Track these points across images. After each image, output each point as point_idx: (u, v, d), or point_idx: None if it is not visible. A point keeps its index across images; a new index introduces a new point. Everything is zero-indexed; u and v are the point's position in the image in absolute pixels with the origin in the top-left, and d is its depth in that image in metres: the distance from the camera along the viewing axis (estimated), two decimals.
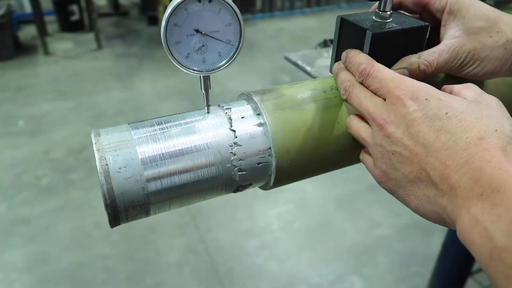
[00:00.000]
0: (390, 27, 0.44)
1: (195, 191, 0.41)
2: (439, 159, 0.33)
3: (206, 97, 0.44)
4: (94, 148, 0.38)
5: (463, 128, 0.33)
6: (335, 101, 0.45)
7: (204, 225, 2.01)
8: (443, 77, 0.51)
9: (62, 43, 4.44)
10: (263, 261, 1.83)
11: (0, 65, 3.83)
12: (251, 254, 1.86)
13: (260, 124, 0.43)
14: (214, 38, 0.40)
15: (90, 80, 3.57)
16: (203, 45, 0.40)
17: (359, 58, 0.42)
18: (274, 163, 0.43)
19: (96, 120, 2.93)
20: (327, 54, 0.89)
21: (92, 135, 0.40)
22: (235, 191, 0.45)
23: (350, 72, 0.43)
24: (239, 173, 0.42)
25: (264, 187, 0.47)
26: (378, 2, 0.46)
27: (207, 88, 0.43)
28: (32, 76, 3.65)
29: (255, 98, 0.44)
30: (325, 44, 0.96)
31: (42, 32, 4.10)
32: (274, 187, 0.46)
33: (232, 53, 0.41)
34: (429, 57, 0.44)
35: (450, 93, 0.39)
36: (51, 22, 4.79)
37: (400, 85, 0.37)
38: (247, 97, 0.46)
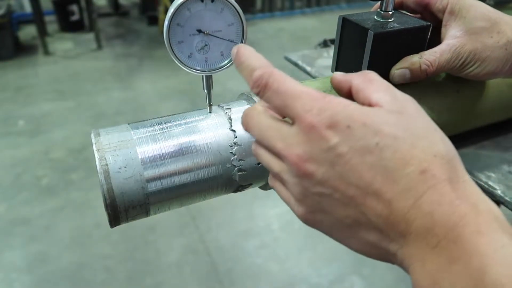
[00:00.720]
0: (391, 27, 0.45)
1: (195, 191, 0.41)
2: (381, 202, 0.27)
3: (209, 96, 0.44)
4: (94, 148, 0.38)
5: (401, 160, 0.27)
6: None
7: (204, 225, 2.01)
8: (444, 77, 0.52)
9: (62, 43, 4.43)
10: (263, 261, 1.83)
11: (0, 65, 3.83)
12: (251, 254, 1.86)
13: None
14: (216, 37, 0.40)
15: (90, 80, 3.56)
16: (206, 45, 0.40)
17: (253, 60, 0.32)
18: None
19: (96, 120, 2.93)
20: (327, 54, 0.90)
21: (92, 135, 0.40)
22: (235, 191, 0.45)
23: (243, 76, 0.33)
24: (239, 173, 0.42)
25: (264, 187, 0.47)
26: (379, 2, 0.46)
27: (209, 87, 0.44)
28: (32, 76, 3.65)
29: (255, 98, 0.44)
30: (325, 44, 0.96)
31: (42, 32, 4.10)
32: None
33: None
34: (430, 57, 0.44)
35: (349, 89, 0.33)
36: (51, 22, 4.79)
37: (312, 108, 0.28)
38: (247, 97, 0.46)
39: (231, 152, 0.41)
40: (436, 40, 0.47)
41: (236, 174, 0.42)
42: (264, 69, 0.31)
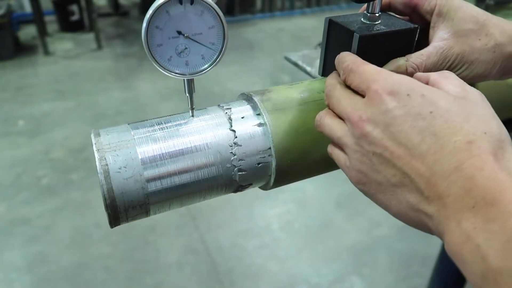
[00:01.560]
0: (378, 29, 0.44)
1: (195, 191, 0.41)
2: (425, 164, 0.30)
3: (191, 100, 0.43)
4: (94, 148, 0.38)
5: (450, 130, 0.30)
6: None
7: (204, 225, 2.01)
8: None
9: (62, 43, 4.43)
10: (263, 261, 1.83)
11: (0, 65, 3.83)
12: (251, 254, 1.86)
13: (260, 124, 0.43)
14: (197, 41, 0.39)
15: (90, 80, 3.56)
16: (186, 48, 0.39)
17: (345, 57, 0.40)
18: (274, 163, 0.43)
19: (96, 120, 2.93)
20: None
21: (92, 135, 0.40)
22: (235, 191, 0.45)
23: (338, 74, 0.41)
24: (239, 173, 0.42)
25: (264, 187, 0.47)
26: (366, 3, 0.45)
27: (191, 91, 0.43)
28: (32, 76, 3.65)
29: (255, 98, 0.44)
30: None
31: (42, 32, 4.10)
32: (274, 187, 0.46)
33: (215, 56, 0.40)
34: (417, 59, 0.44)
35: (426, 83, 0.36)
36: (51, 22, 4.79)
37: (379, 79, 0.34)
38: (247, 97, 0.46)
39: (231, 152, 0.41)
40: (424, 42, 0.47)
41: (236, 174, 0.42)
42: (350, 60, 0.38)
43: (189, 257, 1.83)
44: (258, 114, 0.43)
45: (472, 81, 0.46)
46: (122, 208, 0.38)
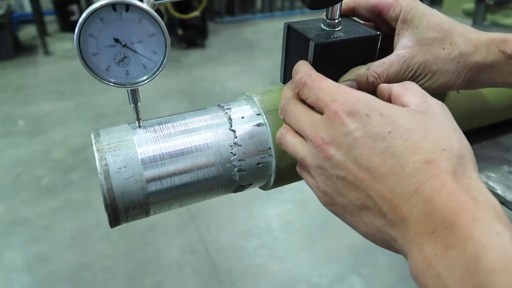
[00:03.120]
0: (336, 37, 0.41)
1: (195, 191, 0.41)
2: (387, 186, 0.29)
3: (136, 110, 0.41)
4: (94, 148, 0.38)
5: (410, 149, 0.29)
6: None
7: (204, 225, 2.01)
8: None
9: (62, 43, 4.43)
10: (263, 261, 1.83)
11: (0, 65, 3.83)
12: (251, 254, 1.86)
13: (260, 124, 0.43)
14: (136, 49, 0.37)
15: (90, 80, 3.56)
16: (125, 57, 0.37)
17: (299, 68, 0.38)
18: (274, 163, 0.43)
19: (96, 120, 2.93)
20: None
21: (92, 135, 0.40)
22: (235, 191, 0.45)
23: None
24: (239, 173, 0.42)
25: (264, 187, 0.47)
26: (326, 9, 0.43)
27: (136, 101, 0.41)
28: (32, 76, 3.65)
29: (255, 98, 0.44)
30: None
31: (42, 32, 4.10)
32: (274, 187, 0.46)
33: (158, 65, 0.38)
34: (378, 68, 0.42)
35: (389, 96, 0.36)
36: (51, 22, 4.79)
37: (338, 98, 0.32)
38: (247, 97, 0.46)
39: (231, 152, 0.41)
40: (391, 49, 0.44)
41: (236, 174, 0.42)
42: (304, 72, 0.37)
43: (189, 257, 1.83)
44: (258, 114, 0.43)
45: (435, 91, 0.44)
46: (122, 208, 0.38)
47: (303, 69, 0.38)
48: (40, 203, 2.13)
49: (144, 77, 0.39)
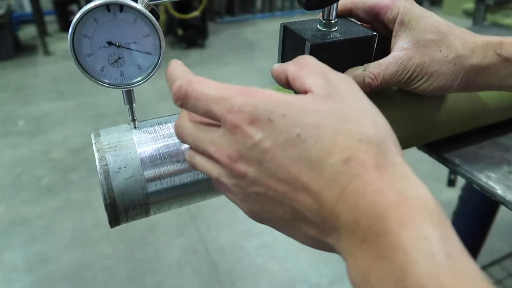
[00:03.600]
0: (332, 37, 0.41)
1: (195, 191, 0.41)
2: (311, 196, 0.26)
3: (131, 111, 0.41)
4: (94, 148, 0.38)
5: (323, 151, 0.26)
6: None
7: (204, 225, 2.01)
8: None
9: (62, 43, 4.43)
10: (263, 261, 1.83)
11: (0, 65, 3.83)
12: (251, 254, 1.86)
13: None
14: (131, 50, 0.37)
15: (90, 80, 3.56)
16: (120, 58, 0.37)
17: (174, 72, 0.32)
18: None
19: (96, 120, 2.93)
20: None
21: (92, 135, 0.40)
22: None
23: None
24: None
25: None
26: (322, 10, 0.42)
27: (131, 102, 0.41)
28: (32, 76, 3.65)
29: None
30: None
31: (42, 32, 4.10)
32: None
33: (153, 66, 0.38)
34: (375, 69, 0.42)
35: (286, 79, 0.32)
36: (51, 22, 4.79)
37: (232, 106, 0.28)
38: None
39: None
40: (388, 51, 0.45)
41: None
42: (182, 79, 0.30)
43: (189, 257, 1.83)
44: None
45: (432, 94, 0.45)
46: (122, 208, 0.38)
47: (180, 74, 0.31)
48: (40, 203, 2.13)
49: (139, 78, 0.38)
